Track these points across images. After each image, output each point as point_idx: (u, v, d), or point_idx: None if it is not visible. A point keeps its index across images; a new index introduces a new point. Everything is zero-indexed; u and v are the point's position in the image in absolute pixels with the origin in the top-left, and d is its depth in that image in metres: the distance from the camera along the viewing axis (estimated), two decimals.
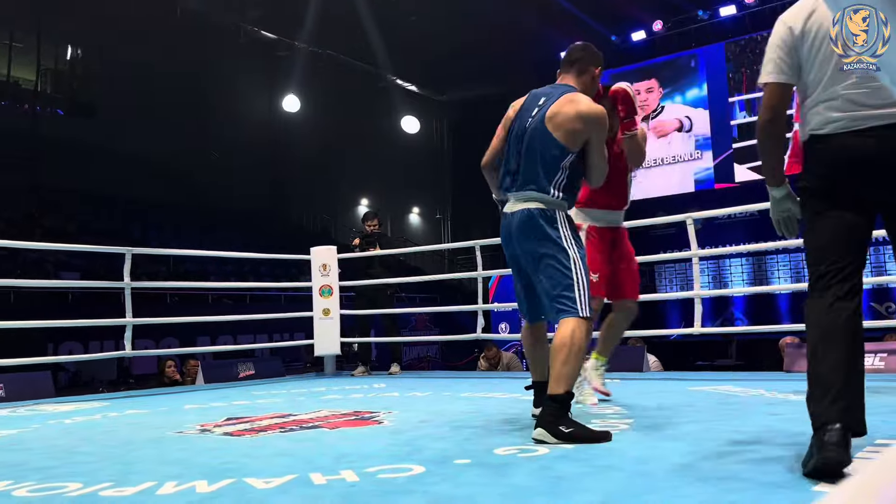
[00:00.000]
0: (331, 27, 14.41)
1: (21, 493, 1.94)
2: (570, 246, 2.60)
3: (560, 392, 2.45)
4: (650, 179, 13.56)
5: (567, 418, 2.42)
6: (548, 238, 2.59)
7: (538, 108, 2.70)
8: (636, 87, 13.90)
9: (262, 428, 3.05)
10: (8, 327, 5.75)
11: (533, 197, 2.64)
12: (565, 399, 2.45)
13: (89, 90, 17.80)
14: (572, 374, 2.48)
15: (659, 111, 13.53)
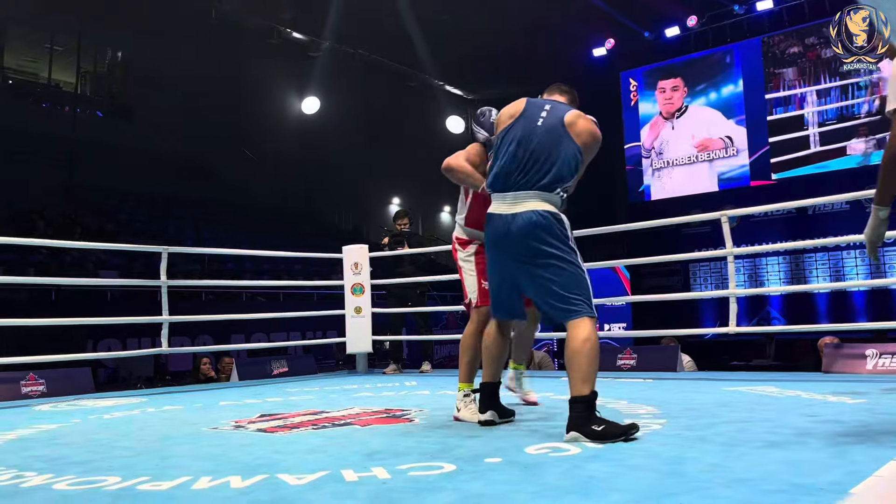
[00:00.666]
0: (364, 27, 14.49)
1: (62, 486, 1.99)
2: (575, 249, 2.67)
3: (587, 393, 2.46)
4: (684, 177, 13.39)
5: (597, 417, 2.43)
6: (558, 240, 2.62)
7: (546, 112, 2.78)
8: (662, 85, 13.76)
9: (294, 425, 3.08)
10: (50, 324, 5.90)
11: (539, 197, 2.65)
12: (593, 399, 2.46)
13: (127, 92, 18.16)
14: (596, 374, 2.51)
15: (683, 111, 13.35)
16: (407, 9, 13.30)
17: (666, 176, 13.57)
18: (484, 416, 2.85)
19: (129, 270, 10.86)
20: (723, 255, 5.01)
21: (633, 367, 5.25)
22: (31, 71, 17.51)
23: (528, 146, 2.70)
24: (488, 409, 2.87)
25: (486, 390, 2.93)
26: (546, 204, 2.65)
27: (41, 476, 2.12)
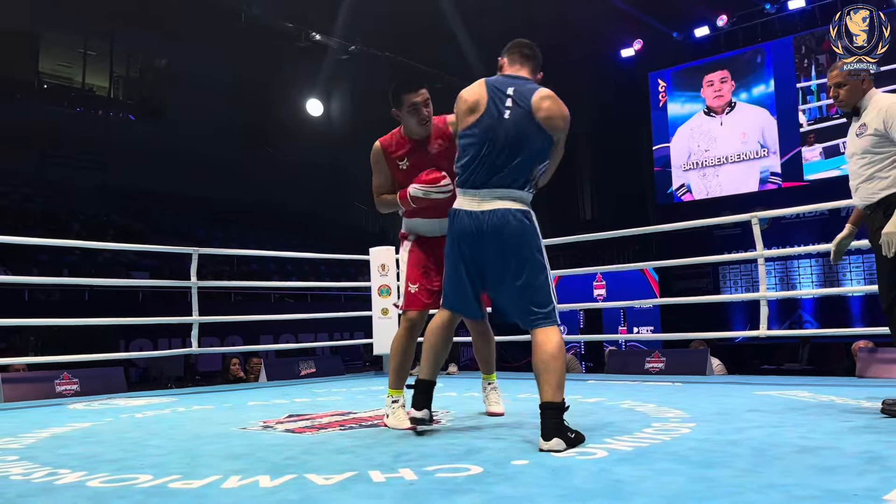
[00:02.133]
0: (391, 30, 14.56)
1: (95, 483, 2.03)
2: (544, 251, 2.60)
3: (560, 400, 2.45)
4: (715, 178, 13.23)
5: (566, 424, 2.43)
6: (533, 244, 2.55)
7: (511, 101, 2.58)
8: (709, 78, 13.54)
9: (322, 425, 3.10)
10: (83, 324, 6.01)
11: (510, 195, 2.55)
12: (561, 406, 2.45)
13: (158, 95, 18.43)
14: (564, 381, 2.51)
15: (732, 107, 13.16)
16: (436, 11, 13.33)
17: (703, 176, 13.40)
18: (417, 414, 2.68)
19: (160, 271, 11.01)
20: (753, 257, 4.95)
21: (661, 370, 5.20)
22: (65, 75, 17.86)
23: (495, 142, 2.56)
24: (423, 408, 2.70)
25: (421, 387, 2.74)
26: (520, 203, 2.56)
27: (75, 473, 2.16)
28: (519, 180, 2.56)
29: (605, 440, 2.46)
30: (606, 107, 15.94)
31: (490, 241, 2.54)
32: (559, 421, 2.38)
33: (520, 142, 2.55)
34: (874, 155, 2.85)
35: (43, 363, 5.15)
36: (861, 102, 2.93)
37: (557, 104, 2.62)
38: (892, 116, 2.78)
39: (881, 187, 2.85)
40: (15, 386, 4.68)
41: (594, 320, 11.47)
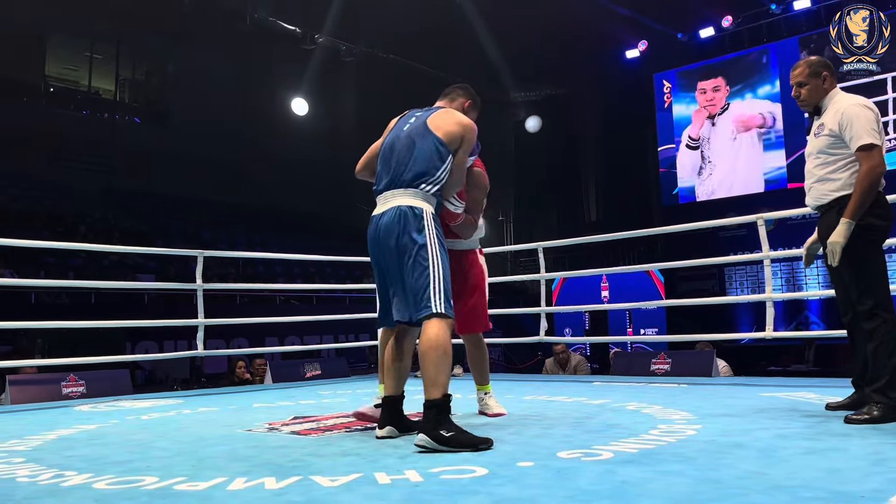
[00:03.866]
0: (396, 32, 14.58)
1: (101, 485, 2.03)
2: (435, 247, 2.61)
3: (437, 397, 2.47)
4: (719, 179, 13.21)
5: (447, 423, 2.44)
6: (415, 233, 2.60)
7: (415, 118, 2.86)
8: (702, 86, 13.58)
9: (327, 427, 3.11)
10: (89, 327, 6.02)
11: (402, 194, 2.68)
12: (443, 403, 2.48)
13: (163, 98, 18.49)
14: (447, 377, 2.53)
15: (725, 108, 13.17)
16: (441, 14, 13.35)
17: (708, 177, 13.38)
18: (381, 433, 2.71)
19: (166, 274, 11.03)
20: (759, 258, 4.93)
21: (667, 371, 5.20)
22: (71, 79, 17.92)
23: (393, 150, 2.78)
24: (386, 425, 2.73)
25: (386, 404, 2.78)
26: (410, 199, 2.66)
27: (81, 475, 2.17)
28: (410, 179, 2.69)
29: (610, 442, 2.45)
30: (611, 108, 15.93)
31: (383, 239, 2.67)
32: (433, 419, 2.42)
33: (412, 146, 2.75)
34: (828, 156, 2.86)
35: (50, 365, 5.17)
36: (822, 102, 2.93)
37: (451, 114, 2.85)
38: (848, 119, 2.77)
39: (832, 188, 2.85)
40: (22, 388, 4.70)
41: (600, 322, 11.46)
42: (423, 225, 2.62)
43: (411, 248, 2.59)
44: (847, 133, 2.78)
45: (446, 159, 2.74)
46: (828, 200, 2.87)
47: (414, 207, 2.64)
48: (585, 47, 14.91)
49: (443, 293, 2.58)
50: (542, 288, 5.91)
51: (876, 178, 2.74)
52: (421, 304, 2.57)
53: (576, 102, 17.15)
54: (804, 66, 2.99)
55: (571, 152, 17.91)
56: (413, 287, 2.59)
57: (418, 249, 2.59)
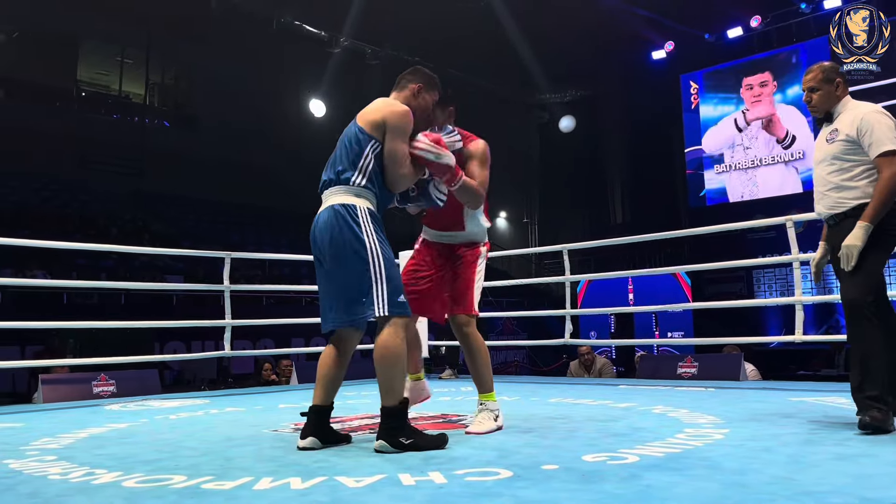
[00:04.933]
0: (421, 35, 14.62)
1: (130, 483, 2.06)
2: (372, 244, 2.51)
3: (393, 404, 2.46)
4: (752, 180, 13.05)
5: (406, 428, 2.46)
6: (347, 233, 2.51)
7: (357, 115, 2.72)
8: (748, 81, 13.36)
9: (352, 428, 3.12)
10: (119, 327, 6.12)
11: (337, 192, 2.59)
12: (400, 410, 2.46)
13: (192, 102, 18.73)
14: (401, 383, 2.50)
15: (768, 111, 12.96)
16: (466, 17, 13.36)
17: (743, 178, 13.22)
18: (303, 443, 2.56)
19: (194, 275, 11.17)
20: (788, 261, 4.87)
21: (693, 375, 5.14)
22: (102, 83, 18.25)
23: (336, 150, 2.71)
24: (308, 436, 2.57)
25: (312, 413, 2.63)
26: (342, 196, 2.57)
27: (111, 473, 2.20)
28: (343, 175, 2.60)
29: (636, 445, 2.43)
30: (637, 109, 15.82)
31: (319, 240, 2.60)
32: (390, 425, 2.45)
33: (341, 142, 2.68)
34: (844, 162, 2.77)
35: (81, 364, 5.26)
36: (835, 108, 2.86)
37: (379, 102, 2.70)
38: (868, 125, 2.69)
39: (850, 196, 2.76)
40: (54, 387, 4.79)
41: (625, 325, 11.38)
42: (358, 222, 2.52)
43: (348, 248, 2.50)
44: (867, 139, 2.70)
45: (366, 146, 2.60)
46: (844, 209, 2.78)
47: (346, 205, 2.55)
48: (612, 49, 14.84)
49: (386, 293, 2.48)
50: (567, 290, 5.88)
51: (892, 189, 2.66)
52: (364, 307, 2.48)
53: (602, 104, 17.06)
54: (817, 71, 2.91)
55: (597, 154, 17.82)
56: (354, 289, 2.50)
57: (355, 249, 2.49)
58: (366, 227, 2.53)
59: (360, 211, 2.55)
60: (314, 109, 15.18)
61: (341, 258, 2.52)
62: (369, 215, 2.56)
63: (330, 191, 2.62)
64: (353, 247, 2.50)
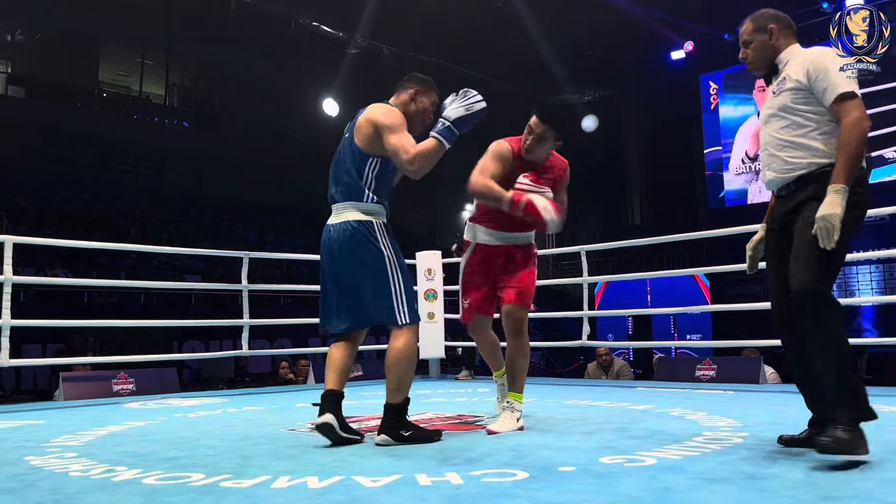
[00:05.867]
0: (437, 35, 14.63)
1: (150, 481, 2.08)
2: (391, 257, 2.70)
3: (398, 401, 2.68)
4: None
5: (406, 423, 2.68)
6: (368, 249, 2.69)
7: (352, 122, 2.85)
8: (759, 83, 13.23)
9: (369, 428, 3.12)
10: (138, 326, 6.18)
11: (350, 207, 2.74)
12: (403, 407, 2.69)
13: (211, 103, 18.88)
14: (409, 384, 2.71)
15: None
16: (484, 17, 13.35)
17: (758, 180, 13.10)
18: (322, 419, 2.67)
19: (212, 275, 11.25)
20: None
21: (712, 378, 5.10)
22: (123, 84, 18.45)
23: (335, 160, 2.85)
24: (327, 412, 2.69)
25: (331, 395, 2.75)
26: (358, 213, 2.72)
27: (131, 471, 2.22)
28: (354, 190, 2.74)
29: (654, 448, 2.42)
30: (656, 109, 15.74)
31: (336, 252, 2.74)
32: (393, 420, 2.66)
33: (344, 154, 2.81)
34: (795, 115, 2.28)
35: (101, 363, 5.31)
36: (779, 59, 2.40)
37: (371, 111, 2.76)
38: (821, 66, 2.23)
39: (807, 156, 2.25)
40: (74, 385, 4.84)
41: (643, 327, 11.31)
42: (375, 236, 2.70)
43: (371, 264, 2.68)
44: (820, 84, 2.22)
45: (364, 166, 2.73)
46: (800, 172, 2.26)
47: (363, 222, 2.71)
48: (630, 49, 14.76)
49: (406, 302, 2.69)
50: (584, 292, 5.85)
51: (865, 132, 2.17)
52: (387, 314, 2.68)
53: (621, 104, 16.99)
54: (748, 22, 2.47)
55: (616, 154, 17.74)
56: (378, 298, 2.68)
57: (377, 265, 2.68)
58: (383, 242, 2.71)
59: (376, 227, 2.72)
60: (328, 109, 15.25)
61: (364, 272, 2.69)
62: (385, 230, 2.74)
63: (343, 205, 2.76)
64: (375, 263, 2.68)
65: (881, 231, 10.92)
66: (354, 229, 2.70)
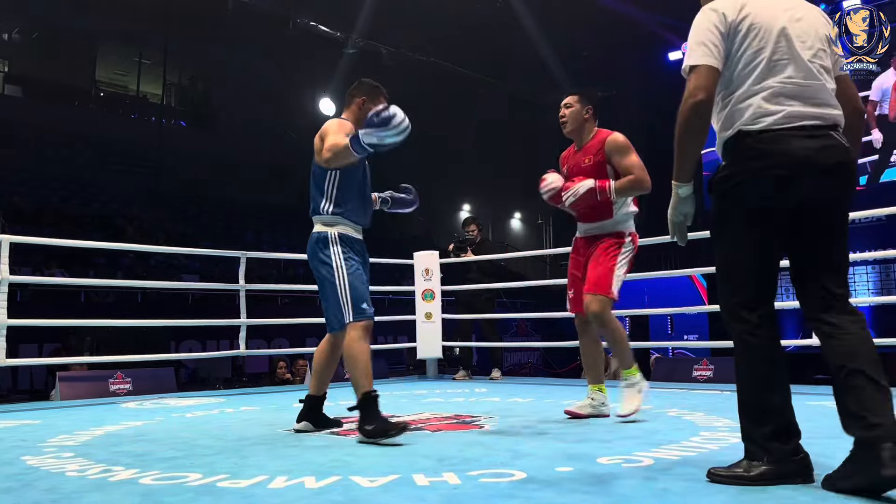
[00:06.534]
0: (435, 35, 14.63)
1: (147, 481, 2.08)
2: (339, 263, 2.93)
3: (359, 398, 2.80)
4: None
5: (371, 417, 2.74)
6: (319, 257, 2.97)
7: None
8: None
9: None
10: (135, 325, 6.17)
11: (316, 220, 3.04)
12: (364, 402, 2.78)
13: (208, 103, 18.86)
14: (363, 378, 2.81)
15: None
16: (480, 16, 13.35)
17: None
18: (297, 426, 3.08)
19: (210, 275, 11.23)
20: None
21: (709, 378, 5.11)
22: (121, 84, 18.42)
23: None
24: (302, 420, 3.09)
25: (312, 403, 3.13)
26: (319, 226, 3.02)
27: (128, 471, 2.22)
28: (316, 204, 3.03)
29: (651, 448, 2.42)
30: (654, 110, 15.72)
31: (309, 258, 3.06)
32: (360, 417, 2.77)
33: (312, 171, 3.07)
34: None
35: (98, 363, 5.30)
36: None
37: (326, 124, 3.04)
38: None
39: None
40: (71, 385, 4.83)
41: (640, 327, 11.31)
42: (325, 248, 2.96)
43: (322, 270, 2.96)
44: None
45: (324, 177, 3.00)
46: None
47: (320, 233, 2.99)
48: (628, 49, 14.76)
49: (351, 303, 2.90)
50: None
51: (691, 111, 1.95)
52: (338, 321, 2.95)
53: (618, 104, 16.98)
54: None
55: None
56: (324, 303, 2.99)
57: (326, 271, 2.94)
58: (334, 251, 2.95)
59: (330, 237, 2.97)
60: (325, 109, 15.25)
61: (320, 281, 2.99)
62: (339, 239, 2.97)
63: (314, 219, 3.06)
64: (326, 272, 2.95)
65: (878, 232, 10.94)
66: (314, 241, 3.00)
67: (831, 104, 1.90)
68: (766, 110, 1.87)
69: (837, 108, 1.91)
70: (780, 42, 1.90)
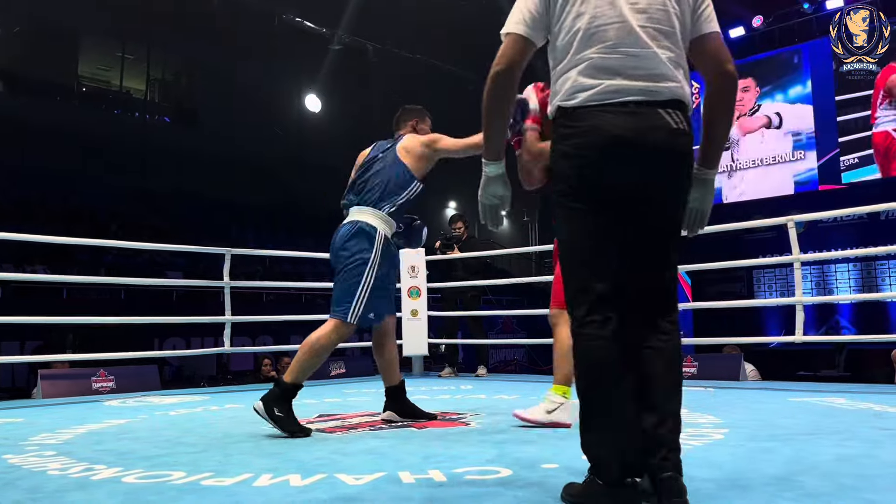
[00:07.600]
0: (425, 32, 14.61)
1: (130, 479, 2.06)
2: (374, 263, 2.97)
3: (289, 381, 2.88)
4: (748, 181, 13.03)
5: (283, 404, 2.83)
6: (351, 247, 2.99)
7: (386, 150, 3.18)
8: None
9: (352, 426, 3.12)
10: (118, 323, 6.12)
11: (364, 211, 3.05)
12: (288, 388, 2.87)
13: (192, 99, 18.72)
14: (305, 369, 2.89)
15: (756, 109, 12.98)
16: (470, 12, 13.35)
17: (738, 178, 13.18)
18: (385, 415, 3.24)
19: (194, 271, 11.16)
20: (789, 261, 4.87)
21: (693, 375, 5.14)
22: (103, 79, 18.21)
23: (364, 176, 3.15)
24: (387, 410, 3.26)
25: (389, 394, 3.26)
26: (370, 217, 3.03)
27: (111, 469, 2.20)
28: (376, 201, 3.06)
29: None
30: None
31: (337, 246, 3.08)
32: (277, 394, 2.85)
33: (382, 172, 3.11)
34: None
35: (80, 360, 5.25)
36: None
37: (410, 140, 3.17)
38: None
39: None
40: (53, 382, 4.78)
41: None
42: (362, 240, 2.99)
43: (354, 258, 2.97)
44: None
45: (409, 186, 3.09)
46: None
47: (364, 223, 3.02)
48: None
49: (361, 307, 2.95)
50: None
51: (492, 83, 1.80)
52: (334, 307, 2.97)
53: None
54: None
55: None
56: (335, 294, 3.00)
57: (349, 262, 2.98)
58: (375, 250, 2.98)
59: (378, 234, 3.01)
60: (310, 105, 15.19)
61: (348, 267, 2.97)
62: (384, 240, 3.02)
63: (359, 208, 3.07)
64: (359, 260, 2.96)
65: (859, 229, 11.06)
66: (358, 230, 3.01)
67: (667, 76, 1.68)
68: (582, 85, 1.67)
69: (675, 81, 1.69)
70: (602, 5, 1.68)
